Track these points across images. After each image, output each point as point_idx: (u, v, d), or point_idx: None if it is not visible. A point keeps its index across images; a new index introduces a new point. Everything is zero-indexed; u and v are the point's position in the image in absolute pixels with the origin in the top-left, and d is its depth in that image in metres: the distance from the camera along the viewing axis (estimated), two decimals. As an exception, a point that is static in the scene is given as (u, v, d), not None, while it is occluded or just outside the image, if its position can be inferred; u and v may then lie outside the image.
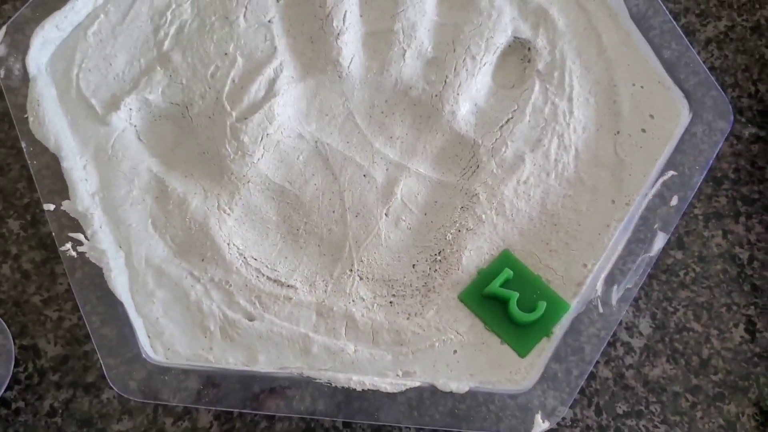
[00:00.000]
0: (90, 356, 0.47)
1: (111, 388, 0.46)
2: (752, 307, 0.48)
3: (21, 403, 0.46)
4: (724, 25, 0.56)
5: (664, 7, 0.52)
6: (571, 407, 0.45)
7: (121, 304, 0.46)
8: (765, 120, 0.53)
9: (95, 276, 0.46)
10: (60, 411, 0.46)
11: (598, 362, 0.46)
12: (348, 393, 0.43)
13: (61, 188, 0.48)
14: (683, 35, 0.52)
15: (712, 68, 0.55)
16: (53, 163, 0.49)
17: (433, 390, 0.43)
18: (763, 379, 0.46)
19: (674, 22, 0.52)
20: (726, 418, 0.46)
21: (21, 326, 0.48)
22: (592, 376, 0.46)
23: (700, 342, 0.47)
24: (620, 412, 0.46)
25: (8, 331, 0.47)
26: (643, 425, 0.45)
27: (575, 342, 0.45)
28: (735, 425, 0.45)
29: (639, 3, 0.52)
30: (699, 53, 0.55)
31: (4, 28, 0.52)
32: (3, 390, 0.46)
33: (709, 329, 0.48)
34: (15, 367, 0.47)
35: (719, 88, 0.50)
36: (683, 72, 0.51)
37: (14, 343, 0.47)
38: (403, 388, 0.43)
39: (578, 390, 0.44)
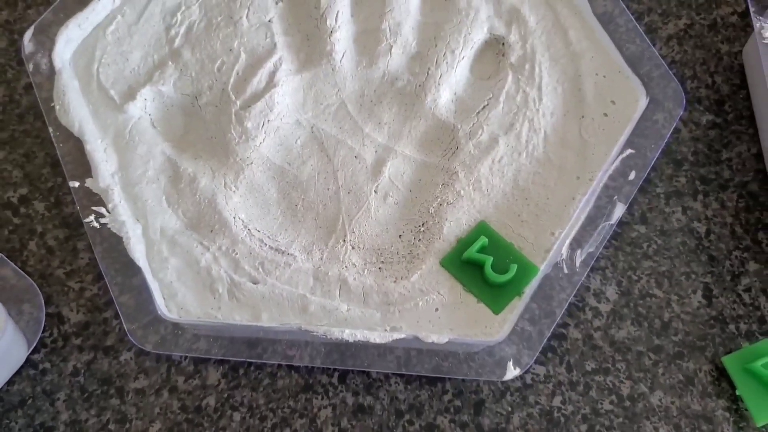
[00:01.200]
0: (109, 322, 0.49)
1: (128, 350, 0.48)
2: (709, 275, 0.50)
3: (47, 364, 0.48)
4: (684, 23, 0.58)
5: (627, 9, 0.54)
6: (544, 365, 0.47)
7: (139, 269, 0.48)
8: (721, 108, 0.55)
9: (115, 250, 0.48)
10: (82, 371, 0.48)
11: (568, 324, 0.48)
12: (342, 351, 0.45)
13: (83, 171, 0.51)
14: (644, 33, 0.53)
15: (673, 62, 0.56)
16: (76, 148, 0.51)
17: (420, 350, 0.45)
18: (719, 339, 0.48)
19: (635, 22, 0.54)
20: (685, 374, 0.47)
21: (47, 296, 0.49)
22: (563, 336, 0.48)
23: (661, 306, 0.49)
24: (589, 369, 0.47)
25: (42, 300, 0.48)
26: (610, 381, 0.47)
27: (543, 300, 0.47)
28: (693, 380, 0.47)
29: (606, 4, 0.54)
30: (661, 48, 0.57)
31: (32, 27, 0.54)
32: (29, 352, 0.47)
33: (669, 295, 0.49)
34: (42, 332, 0.48)
35: (673, 76, 0.52)
36: (646, 65, 0.53)
37: (41, 312, 0.48)
38: (390, 339, 0.45)
39: (545, 341, 0.45)
